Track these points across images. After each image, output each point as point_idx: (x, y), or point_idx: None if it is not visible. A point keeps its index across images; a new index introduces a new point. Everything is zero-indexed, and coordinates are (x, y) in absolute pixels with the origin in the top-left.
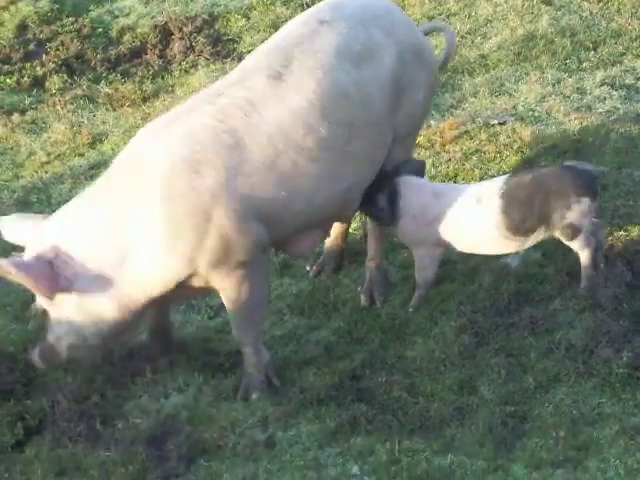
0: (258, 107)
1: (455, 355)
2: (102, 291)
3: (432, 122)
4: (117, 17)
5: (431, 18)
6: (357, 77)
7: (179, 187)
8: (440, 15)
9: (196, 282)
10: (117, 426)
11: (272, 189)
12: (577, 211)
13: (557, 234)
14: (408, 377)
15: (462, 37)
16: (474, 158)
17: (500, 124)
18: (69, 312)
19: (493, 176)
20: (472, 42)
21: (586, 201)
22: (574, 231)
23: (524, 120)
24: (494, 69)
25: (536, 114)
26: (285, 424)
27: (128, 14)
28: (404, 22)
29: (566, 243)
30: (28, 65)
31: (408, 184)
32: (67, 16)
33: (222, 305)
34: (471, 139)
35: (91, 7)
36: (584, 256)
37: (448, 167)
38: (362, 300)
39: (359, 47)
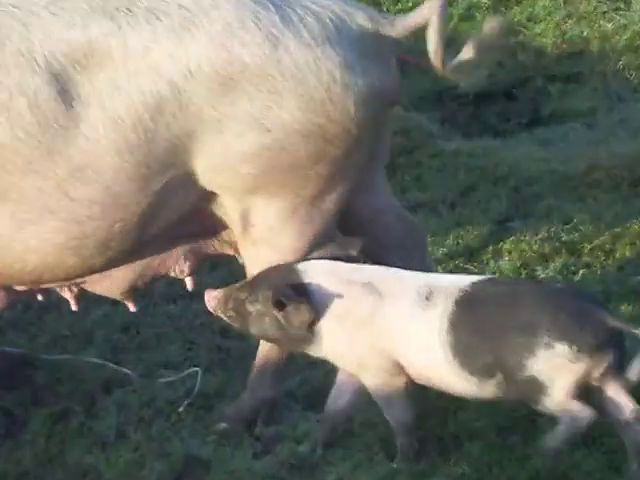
0: None
1: None
2: None
3: None
4: None
5: None
6: (43, 85)
7: None
8: None
9: None
10: None
11: None
12: (545, 361)
13: (516, 392)
14: None
15: None
16: None
17: None
18: None
19: None
20: None
21: (564, 350)
22: (537, 392)
23: None
24: None
25: None
26: None
27: None
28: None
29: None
30: None
31: (317, 271)
32: None
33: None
34: None
35: None
36: (560, 426)
37: None
38: None
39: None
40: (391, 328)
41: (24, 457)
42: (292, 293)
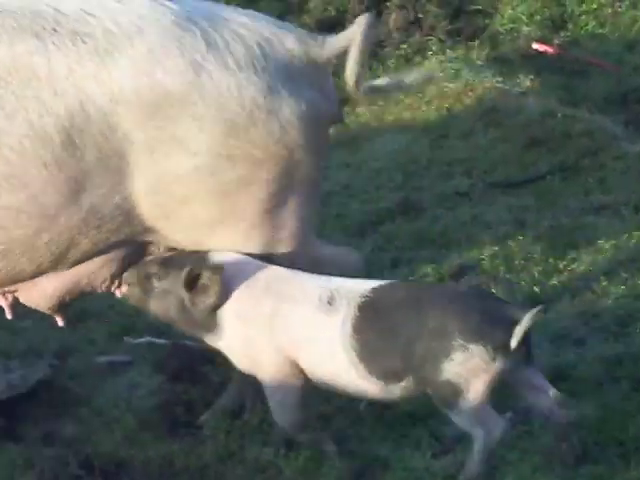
0: None
1: None
2: None
3: None
4: None
5: None
6: None
7: None
8: None
9: None
10: None
11: None
12: (461, 364)
13: (430, 393)
14: None
15: None
16: None
17: None
18: None
19: None
20: None
21: (479, 351)
22: (451, 395)
23: None
24: None
25: None
26: None
27: None
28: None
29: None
30: None
31: (232, 263)
32: None
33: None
34: None
35: None
36: (475, 445)
37: None
38: None
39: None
40: (291, 331)
41: (204, 452)
42: (210, 271)
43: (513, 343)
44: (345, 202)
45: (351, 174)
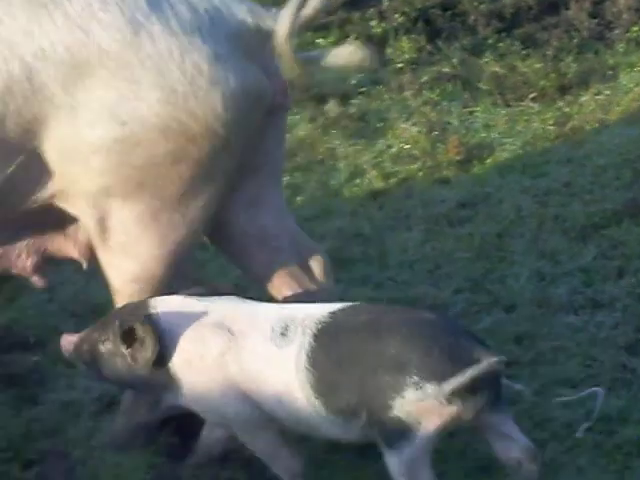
0: None
1: None
2: None
3: None
4: None
5: None
6: None
7: None
8: None
9: None
10: None
11: None
12: (413, 402)
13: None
14: None
15: None
16: None
17: None
18: None
19: None
20: None
21: (435, 391)
22: (397, 435)
23: None
24: None
25: None
26: None
27: None
28: None
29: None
30: None
31: (168, 308)
32: None
33: None
34: None
35: None
36: None
37: None
38: None
39: None
40: (246, 370)
41: None
42: (139, 323)
43: (446, 388)
44: (565, 202)
45: (573, 170)
